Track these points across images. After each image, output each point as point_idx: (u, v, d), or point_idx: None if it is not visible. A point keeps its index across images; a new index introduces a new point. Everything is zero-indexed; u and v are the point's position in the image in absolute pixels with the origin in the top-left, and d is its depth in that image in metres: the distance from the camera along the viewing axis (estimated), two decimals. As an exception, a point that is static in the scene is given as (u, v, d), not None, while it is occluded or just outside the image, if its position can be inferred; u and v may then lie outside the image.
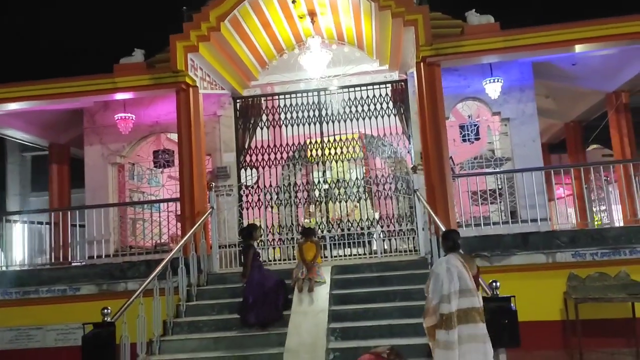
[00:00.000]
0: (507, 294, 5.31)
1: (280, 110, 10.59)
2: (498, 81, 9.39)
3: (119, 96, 9.22)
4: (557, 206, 13.35)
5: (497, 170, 9.78)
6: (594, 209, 11.39)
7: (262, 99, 10.72)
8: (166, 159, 11.03)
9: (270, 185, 10.24)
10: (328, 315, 6.61)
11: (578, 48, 8.22)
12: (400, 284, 7.38)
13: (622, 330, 7.06)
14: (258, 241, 8.28)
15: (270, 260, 9.31)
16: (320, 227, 9.82)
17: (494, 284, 5.36)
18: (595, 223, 11.13)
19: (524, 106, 9.76)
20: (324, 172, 10.27)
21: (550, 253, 7.47)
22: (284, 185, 10.20)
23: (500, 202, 9.74)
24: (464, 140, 10.25)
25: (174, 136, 11.68)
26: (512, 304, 5.24)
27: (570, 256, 7.39)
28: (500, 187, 9.69)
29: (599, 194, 10.69)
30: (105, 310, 5.39)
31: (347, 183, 10.23)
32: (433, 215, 7.47)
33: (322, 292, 7.05)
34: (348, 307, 7.03)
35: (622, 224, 9.65)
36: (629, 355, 6.82)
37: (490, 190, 9.58)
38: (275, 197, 10.11)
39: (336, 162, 10.38)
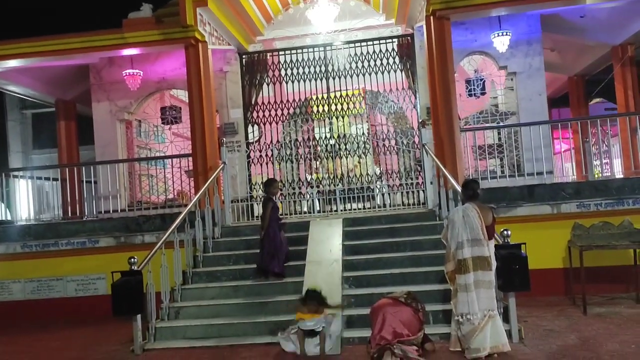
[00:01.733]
0: (513, 242, 5.55)
1: (286, 65, 10.59)
2: (506, 34, 9.39)
3: (128, 52, 9.21)
4: (556, 161, 13.56)
5: (504, 124, 9.89)
6: (594, 163, 11.61)
7: (268, 54, 10.72)
8: (173, 115, 11.08)
9: (278, 141, 10.37)
10: (342, 265, 6.87)
11: (587, 0, 8.22)
12: (410, 235, 7.61)
13: (623, 277, 7.36)
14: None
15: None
16: (326, 182, 10.03)
17: (504, 232, 5.58)
18: (595, 176, 11.36)
19: (531, 60, 9.79)
20: (330, 127, 10.37)
21: (555, 204, 7.69)
22: (285, 141, 10.32)
23: (504, 155, 9.89)
24: (470, 95, 10.32)
25: (179, 92, 11.80)
26: (522, 251, 5.48)
27: (574, 207, 7.62)
28: (504, 141, 9.83)
29: (601, 147, 10.84)
30: (132, 259, 5.60)
31: (354, 138, 10.35)
32: (442, 168, 7.63)
33: (335, 243, 7.29)
34: (360, 257, 7.28)
35: (622, 176, 9.86)
36: (628, 299, 7.13)
37: (494, 144, 9.75)
38: (277, 153, 10.23)
39: (342, 117, 10.48)
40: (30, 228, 8.78)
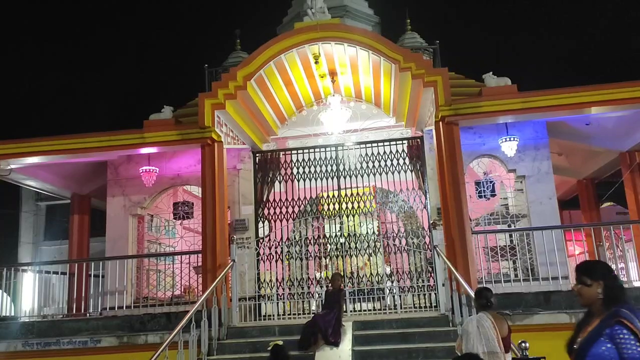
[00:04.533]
0: (530, 354, 5.30)
1: (299, 164, 10.82)
2: (514, 139, 9.61)
3: (146, 150, 9.50)
4: (569, 264, 13.34)
5: (517, 227, 9.85)
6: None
7: (281, 153, 10.99)
8: (185, 210, 11.18)
9: (288, 239, 10.36)
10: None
11: (593, 110, 8.49)
12: (423, 341, 7.35)
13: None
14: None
15: (281, 314, 9.32)
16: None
17: (523, 344, 5.34)
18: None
19: (539, 164, 9.94)
20: (341, 225, 10.38)
21: (574, 313, 7.43)
22: (294, 238, 10.30)
23: (517, 258, 9.75)
24: (480, 197, 10.38)
25: (192, 189, 12.00)
26: (542, 365, 5.22)
27: (594, 316, 7.34)
28: (516, 244, 9.73)
29: (616, 252, 10.68)
30: (134, 365, 5.40)
31: (364, 237, 10.32)
32: (454, 271, 7.52)
33: (345, 349, 7.04)
34: (370, 364, 6.99)
35: (639, 284, 9.62)
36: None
37: (506, 246, 9.64)
38: (287, 250, 10.18)
39: (352, 216, 10.52)
40: (33, 325, 8.60)
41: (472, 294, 6.71)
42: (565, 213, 16.07)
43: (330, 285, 8.33)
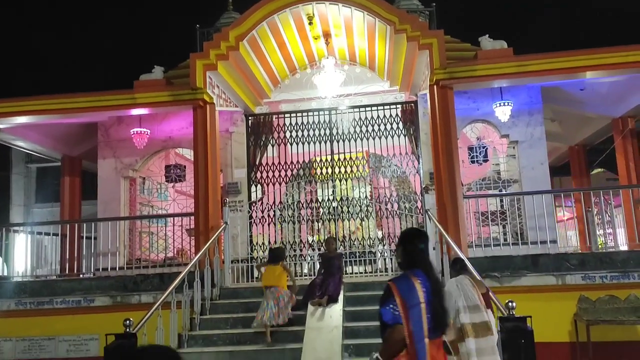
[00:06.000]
0: (518, 314, 5.43)
1: (292, 128, 10.77)
2: (508, 104, 9.57)
3: (137, 111, 9.39)
4: (558, 229, 13.52)
5: (507, 192, 9.91)
6: (597, 233, 11.54)
7: (274, 116, 10.91)
8: (177, 173, 11.14)
9: (280, 202, 10.39)
10: (342, 332, 6.69)
11: (588, 75, 8.45)
12: (412, 302, 7.45)
13: (632, 353, 7.14)
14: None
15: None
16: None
17: (510, 304, 5.46)
18: (599, 246, 11.27)
19: (533, 129, 9.94)
20: (333, 189, 10.41)
21: (560, 275, 7.57)
22: (287, 202, 10.34)
23: (507, 223, 9.85)
24: (472, 162, 10.40)
25: (184, 151, 11.94)
26: (528, 325, 5.34)
27: (580, 279, 7.49)
28: (507, 209, 9.82)
29: (604, 218, 10.81)
30: (127, 322, 5.46)
31: (356, 201, 10.36)
32: (445, 234, 7.59)
33: (336, 309, 7.14)
34: (361, 324, 7.10)
35: (626, 248, 9.77)
36: (639, 377, 6.91)
37: (496, 211, 9.73)
38: (279, 214, 10.22)
39: (345, 180, 10.54)
40: (26, 285, 8.64)
41: (463, 257, 6.82)
42: (556, 179, 16.19)
43: (325, 249, 8.21)
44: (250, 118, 10.83)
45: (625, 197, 9.98)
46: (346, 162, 10.65)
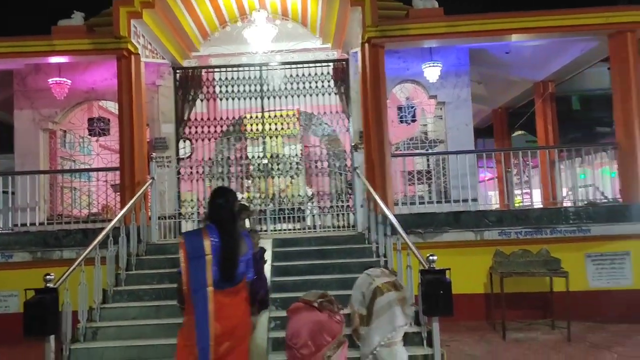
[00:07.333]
0: (439, 267, 5.68)
1: (221, 83, 10.54)
2: (437, 65, 9.76)
3: (56, 59, 8.82)
4: (480, 188, 14.16)
5: (433, 151, 10.22)
6: (516, 192, 12.19)
7: (203, 70, 10.61)
8: (101, 127, 10.68)
9: (210, 159, 10.23)
10: (270, 287, 6.77)
11: (513, 37, 8.72)
12: (339, 257, 7.64)
13: (540, 303, 7.71)
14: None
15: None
16: (257, 201, 9.96)
17: (430, 257, 5.69)
18: (517, 205, 11.92)
19: (459, 91, 10.23)
20: (264, 146, 10.35)
21: (479, 231, 7.97)
22: (217, 159, 10.21)
23: (432, 182, 10.20)
24: (401, 122, 10.61)
25: (108, 104, 11.44)
26: (446, 276, 5.61)
27: (496, 234, 7.93)
28: (433, 168, 10.16)
29: (521, 178, 11.41)
30: (48, 276, 5.27)
31: (287, 158, 10.37)
32: (373, 192, 7.75)
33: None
34: (288, 278, 7.21)
35: (541, 206, 10.40)
36: (544, 325, 7.46)
37: (423, 170, 10.05)
38: (209, 170, 10.08)
39: (276, 137, 10.51)
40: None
41: (389, 214, 7.03)
42: (480, 141, 16.83)
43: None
44: (178, 71, 10.48)
45: (542, 159, 10.54)
46: (277, 120, 10.60)
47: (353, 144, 9.33)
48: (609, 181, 9.89)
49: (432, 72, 9.80)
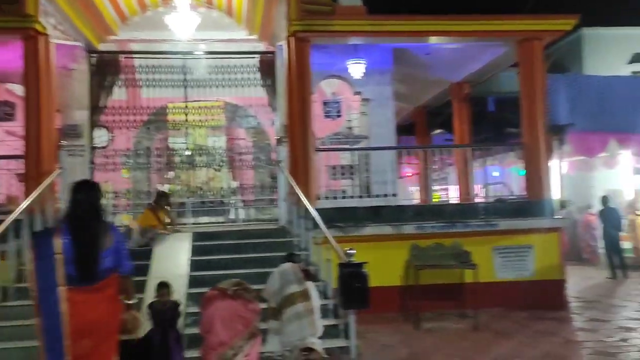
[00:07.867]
0: (358, 261, 5.76)
1: (142, 70, 10.12)
2: (361, 62, 9.87)
3: (-48, 36, 8.10)
4: (402, 184, 14.55)
5: (357, 147, 10.34)
6: (435, 188, 12.64)
7: (121, 56, 10.14)
8: (7, 112, 9.96)
9: (128, 149, 9.82)
10: (188, 281, 6.60)
11: (432, 39, 8.99)
12: (260, 251, 7.56)
13: (451, 294, 8.01)
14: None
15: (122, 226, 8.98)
16: (179, 193, 9.69)
17: (349, 251, 5.75)
18: (433, 200, 12.37)
19: (383, 89, 10.40)
20: (187, 137, 10.08)
21: (397, 225, 8.16)
22: (139, 149, 9.85)
23: (356, 177, 10.33)
24: (327, 116, 10.65)
25: (15, 87, 10.67)
26: (363, 269, 5.69)
27: (413, 228, 8.15)
28: (357, 163, 10.29)
29: (440, 174, 11.87)
30: None
31: (210, 150, 10.16)
32: (295, 186, 7.73)
33: (183, 258, 7.00)
34: (208, 272, 7.03)
35: (456, 202, 10.84)
36: (454, 315, 7.79)
37: (347, 165, 10.16)
38: (127, 160, 9.70)
39: (200, 128, 10.26)
40: None
41: (310, 208, 7.04)
42: (403, 138, 17.26)
43: (156, 297, 5.30)
44: (93, 55, 9.94)
45: (458, 157, 10.95)
46: (201, 110, 10.34)
47: (277, 138, 9.27)
48: (517, 179, 10.46)
49: (356, 68, 9.89)
